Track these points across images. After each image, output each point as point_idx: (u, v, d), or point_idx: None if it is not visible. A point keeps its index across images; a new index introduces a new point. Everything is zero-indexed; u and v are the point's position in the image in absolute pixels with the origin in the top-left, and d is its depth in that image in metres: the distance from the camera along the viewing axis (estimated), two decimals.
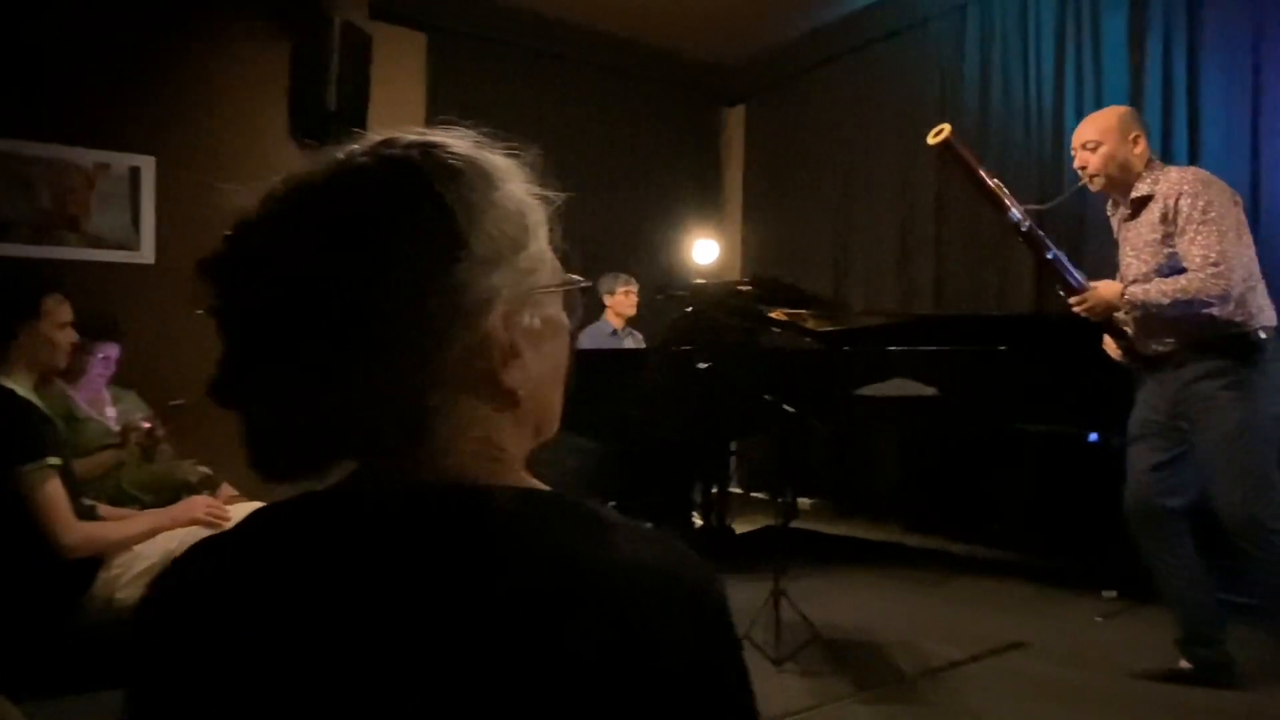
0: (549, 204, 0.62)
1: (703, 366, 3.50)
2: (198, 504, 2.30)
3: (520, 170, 0.61)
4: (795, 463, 5.34)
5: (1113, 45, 3.89)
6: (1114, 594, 3.35)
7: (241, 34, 4.35)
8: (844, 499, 5.18)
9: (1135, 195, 2.49)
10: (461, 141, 0.59)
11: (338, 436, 0.54)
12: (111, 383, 3.12)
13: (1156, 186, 2.44)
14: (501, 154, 0.60)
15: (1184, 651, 2.53)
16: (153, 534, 2.15)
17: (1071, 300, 2.53)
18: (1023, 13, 4.28)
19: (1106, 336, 2.66)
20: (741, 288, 4.05)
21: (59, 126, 3.90)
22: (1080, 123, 2.63)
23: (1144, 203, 2.47)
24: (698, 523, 4.34)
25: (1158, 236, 2.41)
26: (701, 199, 6.00)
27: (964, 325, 3.87)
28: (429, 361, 0.53)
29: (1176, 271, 2.36)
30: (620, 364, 4.00)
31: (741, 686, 0.54)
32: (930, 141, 2.60)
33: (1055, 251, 2.56)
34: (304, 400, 0.52)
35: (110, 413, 3.03)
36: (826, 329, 4.10)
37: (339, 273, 0.51)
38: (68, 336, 2.25)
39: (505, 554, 0.49)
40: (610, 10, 5.16)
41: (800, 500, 5.27)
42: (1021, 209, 2.56)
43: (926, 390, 3.35)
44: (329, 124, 4.14)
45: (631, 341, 4.68)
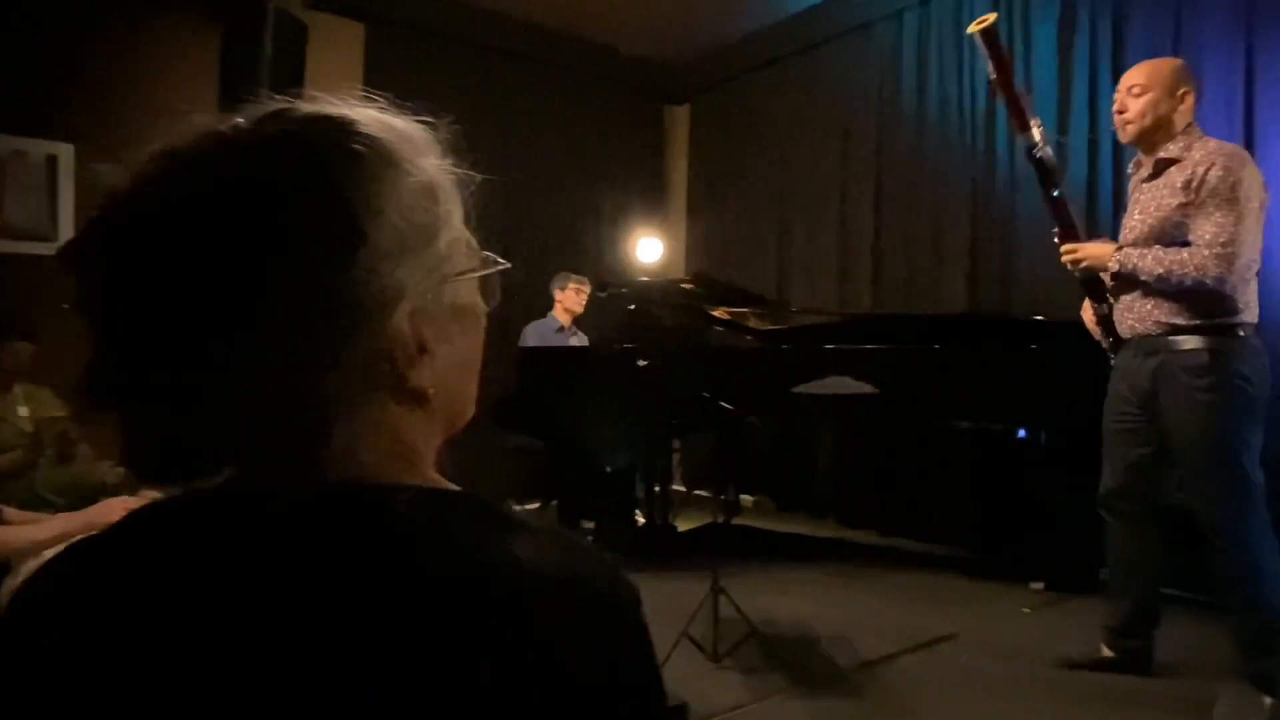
0: (467, 184, 0.58)
1: (642, 364, 3.50)
2: (114, 506, 2.19)
3: (436, 148, 0.57)
4: (737, 460, 5.38)
5: (1043, 52, 4.01)
6: (1041, 586, 3.46)
7: (170, 20, 4.19)
8: (785, 496, 5.24)
9: (1163, 155, 2.36)
10: (369, 117, 0.54)
11: (225, 438, 0.50)
12: (23, 381, 2.98)
13: (1189, 153, 2.31)
14: (417, 130, 0.56)
15: (1112, 640, 2.59)
16: (64, 538, 2.05)
17: (1064, 248, 2.46)
18: (958, 20, 4.38)
19: (1086, 303, 2.60)
20: (684, 286, 4.06)
21: None
22: (1130, 69, 2.47)
23: (1168, 165, 2.35)
24: (640, 520, 4.35)
25: (1174, 203, 2.29)
26: (646, 197, 6.00)
27: (900, 324, 3.94)
28: (325, 361, 0.49)
29: (1179, 244, 2.27)
30: (563, 362, 3.97)
31: (650, 694, 0.52)
32: (971, 30, 2.43)
33: (1061, 190, 2.46)
34: (185, 400, 0.49)
35: (22, 412, 2.89)
36: (767, 328, 4.14)
37: (214, 265, 0.47)
38: None
39: (399, 556, 0.47)
40: (554, 5, 5.12)
41: (742, 497, 5.32)
42: (1041, 130, 2.42)
43: (864, 388, 3.40)
44: None
45: (576, 340, 4.66)
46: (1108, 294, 2.48)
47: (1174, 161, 2.34)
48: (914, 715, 2.32)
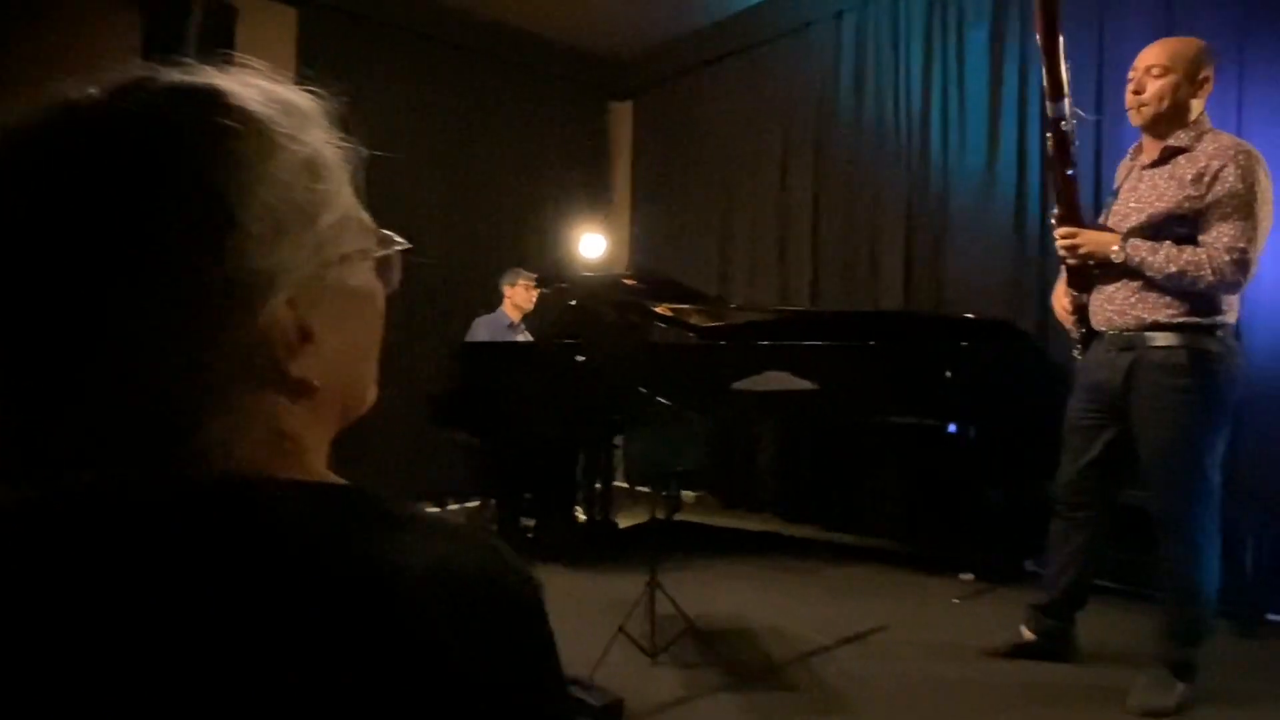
0: (354, 157, 0.55)
1: (580, 359, 3.48)
2: None
3: (324, 120, 0.53)
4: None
5: (975, 55, 4.11)
6: (970, 577, 3.56)
7: (87, 3, 4.01)
8: (727, 492, 5.29)
9: (1172, 143, 2.25)
10: (244, 87, 0.50)
11: (83, 436, 0.47)
12: None
13: (1200, 144, 2.21)
14: (303, 101, 0.52)
15: (1032, 617, 2.66)
16: None
17: (1062, 230, 2.33)
18: (894, 23, 4.47)
19: (1059, 288, 2.53)
20: (625, 281, 4.05)
21: None
22: (1149, 46, 2.32)
23: (1176, 153, 2.24)
24: (581, 517, 4.34)
25: (1181, 195, 2.19)
26: (589, 193, 5.98)
27: (837, 321, 4.00)
28: (191, 353, 0.46)
29: (1178, 238, 2.19)
30: (501, 357, 3.93)
31: (547, 694, 0.50)
32: None
33: (1074, 171, 2.32)
34: (33, 400, 0.46)
35: None
36: (708, 324, 4.17)
37: (55, 255, 0.43)
38: None
39: (262, 553, 0.44)
40: None
41: (684, 493, 5.35)
42: (1071, 109, 2.23)
43: (802, 384, 3.45)
44: None
45: (524, 337, 4.62)
46: (1087, 290, 2.40)
47: (1182, 151, 2.23)
48: (846, 706, 2.36)
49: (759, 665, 2.64)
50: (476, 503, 4.68)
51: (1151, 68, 2.25)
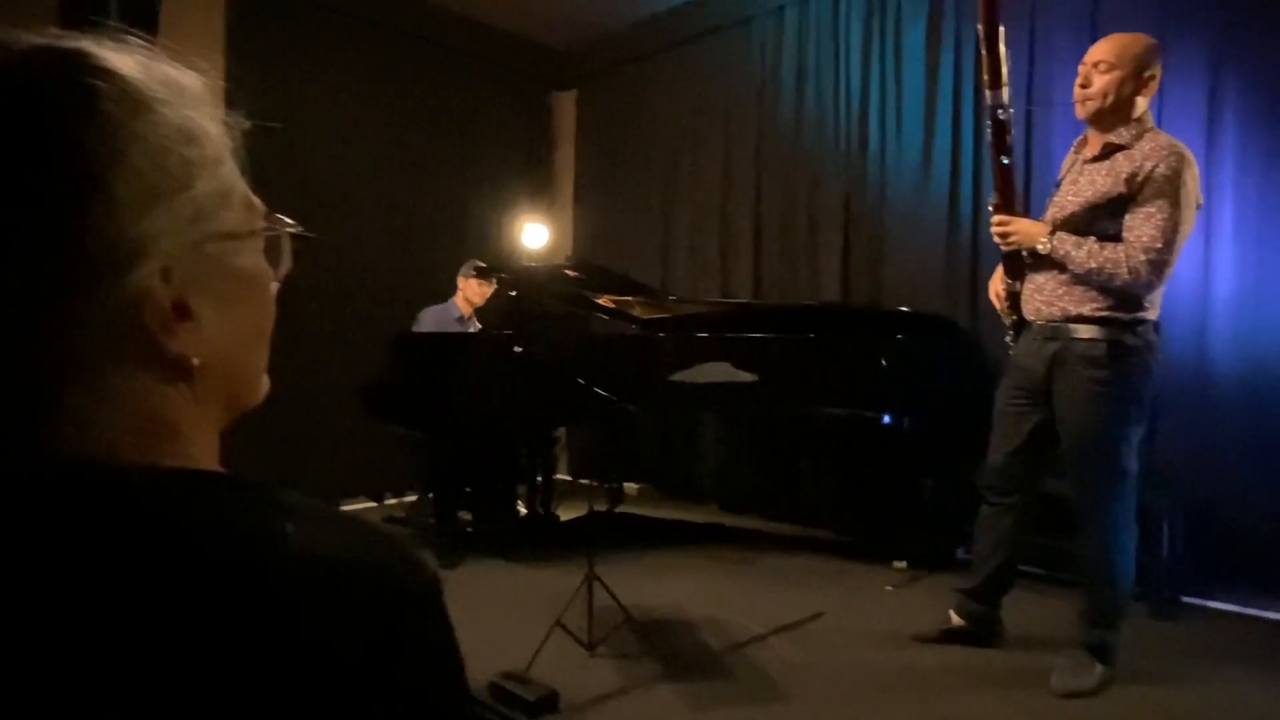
0: (235, 131, 0.52)
1: (519, 350, 3.44)
2: None
3: (202, 90, 0.51)
4: (622, 449, 5.41)
5: (912, 52, 4.18)
6: (904, 565, 3.63)
7: None
8: (669, 483, 5.30)
9: (1113, 140, 2.30)
10: (119, 54, 0.48)
11: None
12: None
13: (1139, 142, 2.26)
14: (180, 71, 0.50)
15: (960, 603, 2.74)
16: None
17: (997, 217, 2.40)
18: (835, 19, 4.51)
19: (996, 275, 2.59)
20: (566, 272, 4.02)
21: None
22: (1099, 41, 2.36)
23: (1115, 150, 2.30)
24: (522, 511, 4.30)
25: (1114, 193, 2.26)
26: (532, 182, 5.92)
27: (777, 314, 4.04)
28: (49, 324, 0.44)
29: (1108, 234, 2.26)
30: (438, 348, 3.85)
31: (438, 693, 0.49)
32: None
33: (1011, 159, 2.38)
34: None
35: None
36: (650, 316, 4.16)
37: None
38: None
39: (128, 541, 0.42)
40: None
41: (627, 485, 5.35)
42: (1009, 96, 2.28)
43: (743, 375, 3.47)
44: None
45: (474, 330, 4.52)
46: (1023, 271, 2.46)
47: (1122, 148, 2.28)
48: (780, 693, 2.38)
49: (696, 655, 2.65)
50: (414, 497, 4.59)
51: (1099, 63, 2.29)
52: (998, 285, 2.57)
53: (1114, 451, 2.30)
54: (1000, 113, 2.27)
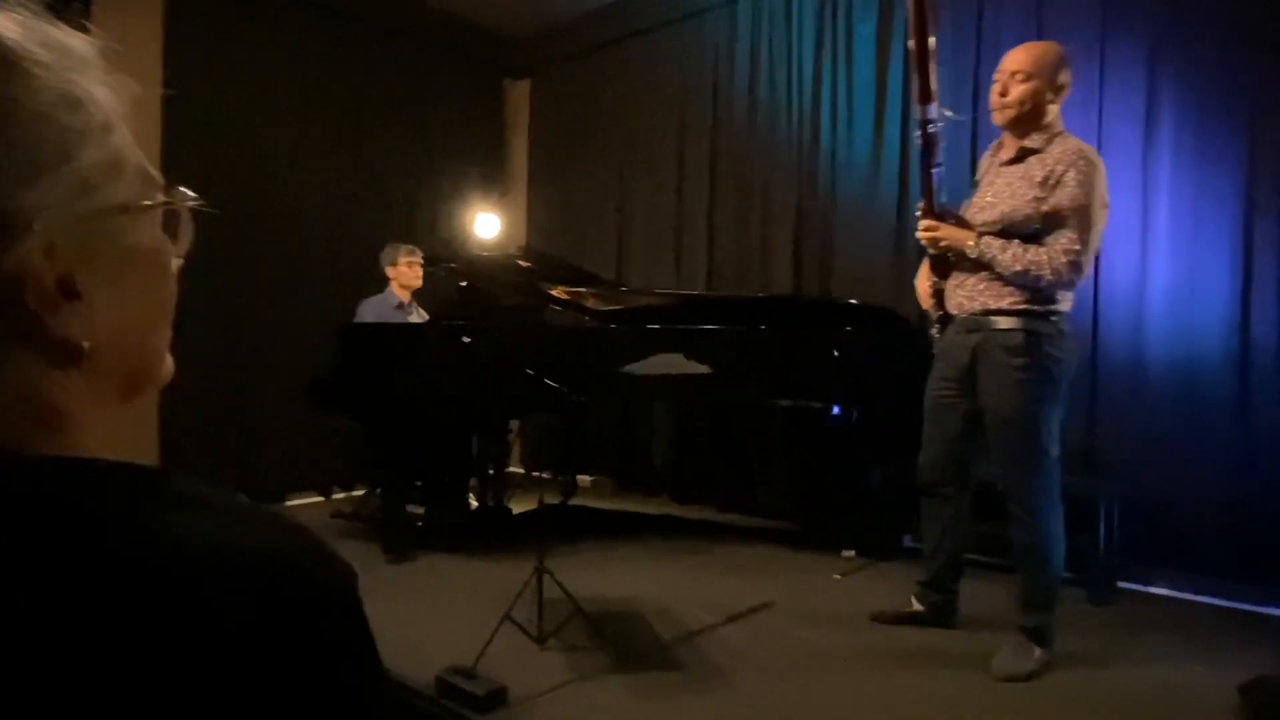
0: (126, 97, 0.49)
1: (467, 340, 3.39)
2: None
3: (87, 54, 0.47)
4: (575, 441, 5.38)
5: (863, 49, 4.22)
6: (852, 553, 3.68)
7: None
8: (623, 476, 5.30)
9: (1027, 144, 2.43)
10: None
11: None
12: None
13: (1050, 147, 2.39)
14: (70, 39, 0.47)
15: (921, 594, 2.83)
16: None
17: (924, 223, 2.51)
18: (787, 14, 4.53)
19: (922, 271, 2.68)
20: (517, 262, 3.97)
21: None
22: (1014, 50, 2.48)
23: (1029, 154, 2.42)
24: (473, 504, 4.25)
25: (1029, 196, 2.38)
26: (485, 172, 5.84)
27: (730, 306, 4.05)
28: None
29: (1026, 235, 2.37)
30: (383, 339, 3.78)
31: (350, 694, 0.46)
32: None
33: (940, 170, 2.49)
34: None
35: None
36: (602, 308, 4.14)
37: None
38: None
39: (7, 538, 0.39)
40: None
41: (580, 478, 5.32)
42: (939, 109, 2.42)
43: (694, 367, 3.47)
44: None
45: (416, 317, 4.43)
46: (948, 270, 2.56)
47: (1035, 152, 2.41)
48: (730, 682, 2.39)
49: (647, 646, 2.64)
50: (362, 491, 4.51)
51: (1016, 73, 2.42)
52: (924, 283, 2.69)
53: (1035, 433, 2.41)
54: (930, 126, 2.42)
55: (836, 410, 3.62)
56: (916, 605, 2.84)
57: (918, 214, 2.57)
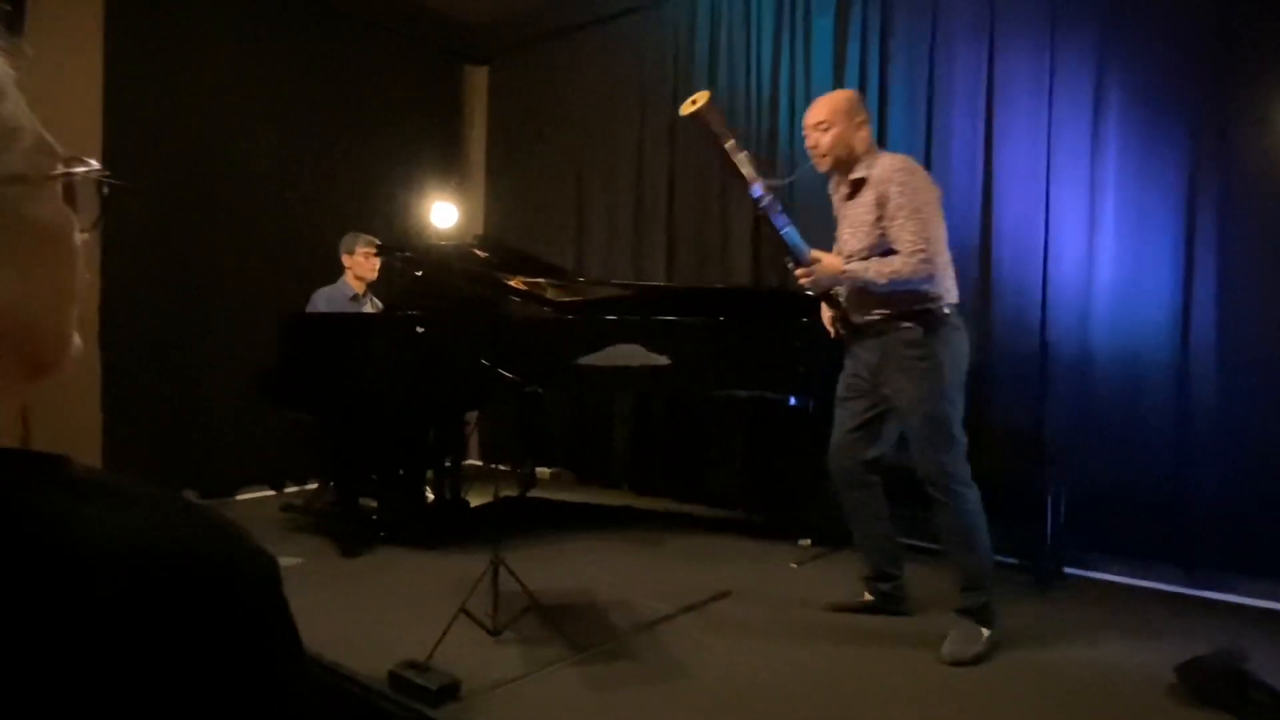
0: (19, 62, 0.46)
1: (420, 330, 3.35)
2: None
3: None
4: (535, 433, 5.35)
5: (820, 43, 4.24)
6: (809, 542, 3.72)
7: None
8: (582, 467, 5.28)
9: (854, 176, 2.69)
10: None
11: None
12: None
13: (872, 171, 2.64)
14: None
15: (868, 586, 2.90)
16: None
17: (799, 273, 2.69)
18: (746, 5, 4.54)
19: (823, 305, 2.85)
20: (472, 251, 3.92)
21: None
22: (812, 104, 2.76)
23: (861, 184, 2.67)
24: (430, 496, 4.20)
25: (872, 218, 2.62)
26: (441, 160, 5.75)
27: (689, 297, 4.05)
28: None
29: (887, 250, 2.57)
30: (333, 330, 3.71)
31: (269, 688, 0.45)
32: (683, 111, 2.64)
33: (789, 228, 2.69)
34: None
35: None
36: (562, 298, 4.11)
37: None
38: None
39: None
40: None
41: (540, 470, 5.30)
42: (764, 184, 2.65)
43: (655, 359, 3.47)
44: None
45: (370, 308, 4.35)
46: (840, 300, 2.78)
47: (864, 180, 2.66)
48: (686, 671, 2.40)
49: (603, 637, 2.64)
50: (314, 485, 4.43)
51: (819, 124, 2.69)
52: (826, 315, 2.87)
53: (942, 418, 2.57)
54: (761, 203, 2.66)
55: (794, 401, 3.64)
56: (868, 596, 2.91)
57: (790, 267, 2.74)
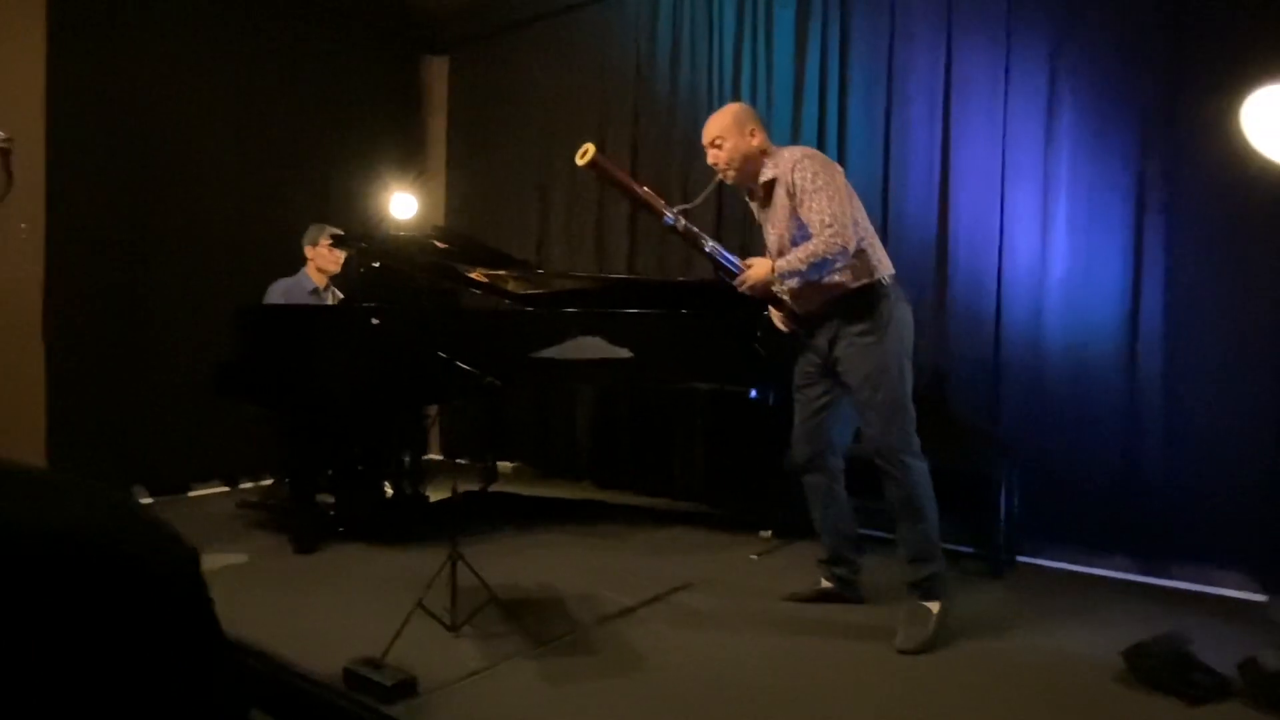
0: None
1: (375, 322, 3.30)
2: None
3: None
4: (496, 427, 5.31)
5: (782, 34, 4.25)
6: (769, 534, 3.75)
7: None
8: (545, 462, 5.26)
9: (763, 180, 2.76)
10: None
11: None
12: None
13: (777, 169, 2.71)
14: None
15: (825, 571, 2.94)
16: None
17: (735, 283, 2.76)
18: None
19: (771, 308, 2.90)
20: (435, 244, 3.87)
21: None
22: (706, 123, 2.82)
23: (771, 185, 2.74)
24: (389, 491, 4.14)
25: (788, 211, 2.69)
26: (401, 151, 5.66)
27: (651, 290, 4.04)
28: None
29: (807, 238, 2.64)
30: (289, 321, 3.64)
31: (188, 675, 0.44)
32: (579, 163, 2.66)
33: (712, 244, 2.76)
34: None
35: None
36: (524, 291, 4.08)
37: None
38: None
39: None
40: None
41: (501, 464, 5.26)
42: (674, 211, 2.71)
43: (617, 351, 3.46)
44: None
45: (333, 300, 4.26)
46: (784, 298, 2.81)
47: (774, 180, 2.72)
48: (645, 663, 2.40)
49: (562, 630, 2.63)
50: (270, 481, 4.35)
51: (714, 141, 2.77)
52: (775, 315, 2.92)
53: (892, 389, 2.63)
54: (677, 226, 2.71)
55: (754, 393, 3.66)
56: (825, 583, 2.95)
57: (729, 280, 2.79)
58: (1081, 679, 2.33)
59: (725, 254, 2.77)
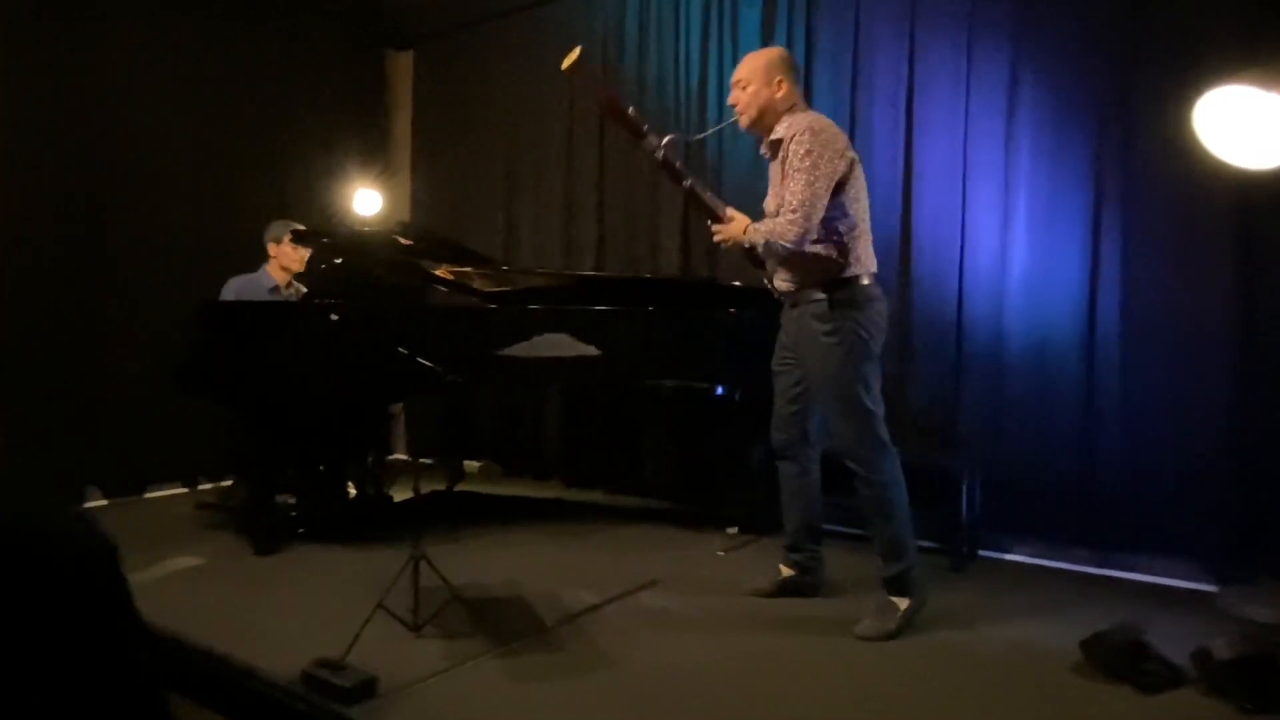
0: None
1: (335, 318, 3.24)
2: None
3: None
4: (462, 426, 5.26)
5: (747, 33, 4.26)
6: (735, 530, 3.76)
7: None
8: (511, 460, 5.22)
9: (773, 138, 2.67)
10: None
11: None
12: None
13: (787, 131, 2.61)
14: None
15: (786, 557, 2.97)
16: None
17: (713, 229, 2.68)
18: None
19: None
20: (401, 240, 3.82)
21: None
22: (740, 62, 2.75)
23: (778, 145, 2.65)
24: (352, 491, 4.08)
25: (781, 177, 2.62)
26: (364, 146, 5.57)
27: (618, 287, 4.03)
28: None
29: None
30: (252, 319, 3.56)
31: (103, 666, 0.42)
32: (564, 67, 2.57)
33: (692, 180, 2.65)
34: None
35: None
36: (490, 288, 4.04)
37: None
38: None
39: None
40: None
41: (468, 463, 5.21)
42: (659, 138, 2.61)
43: (584, 349, 3.43)
44: None
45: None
46: (762, 261, 2.74)
47: (781, 140, 2.63)
48: (610, 661, 2.39)
49: (527, 629, 2.61)
50: (230, 481, 4.26)
51: (739, 82, 2.69)
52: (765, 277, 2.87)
53: (851, 393, 2.59)
54: (657, 154, 2.63)
55: (720, 390, 3.66)
56: (785, 571, 2.96)
57: (710, 225, 2.74)
58: (1040, 669, 2.36)
59: (708, 196, 2.66)
